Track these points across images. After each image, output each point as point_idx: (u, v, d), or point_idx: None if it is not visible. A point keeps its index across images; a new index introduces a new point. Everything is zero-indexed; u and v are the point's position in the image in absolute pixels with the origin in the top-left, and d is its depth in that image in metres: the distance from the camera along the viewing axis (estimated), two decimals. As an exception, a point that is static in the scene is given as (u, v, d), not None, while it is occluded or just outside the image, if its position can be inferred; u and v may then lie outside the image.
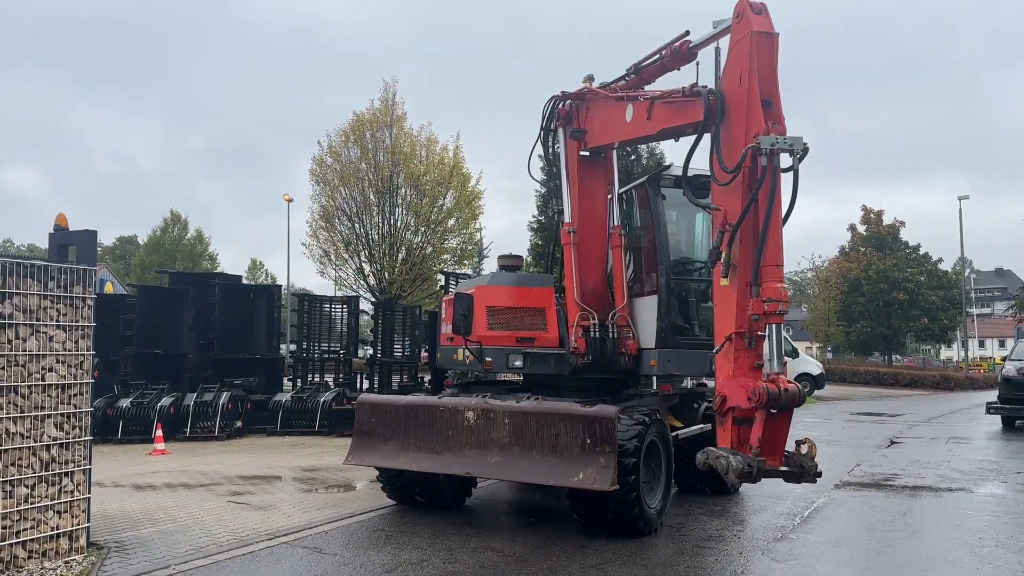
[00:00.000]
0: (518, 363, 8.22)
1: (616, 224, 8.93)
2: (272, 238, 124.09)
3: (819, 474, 6.01)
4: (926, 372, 45.76)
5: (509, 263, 9.23)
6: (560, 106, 8.85)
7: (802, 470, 5.92)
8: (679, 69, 7.67)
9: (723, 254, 6.09)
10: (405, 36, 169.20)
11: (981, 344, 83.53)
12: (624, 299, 8.63)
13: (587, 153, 8.88)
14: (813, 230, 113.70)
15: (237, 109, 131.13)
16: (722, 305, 6.23)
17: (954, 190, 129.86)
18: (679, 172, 8.50)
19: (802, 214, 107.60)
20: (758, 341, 6.09)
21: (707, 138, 6.49)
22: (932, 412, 24.78)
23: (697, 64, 7.29)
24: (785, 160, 5.96)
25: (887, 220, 51.66)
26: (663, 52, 7.66)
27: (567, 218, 8.68)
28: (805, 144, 5.85)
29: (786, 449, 6.03)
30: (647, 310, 8.51)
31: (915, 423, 20.39)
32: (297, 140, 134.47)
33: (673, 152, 25.22)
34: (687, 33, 7.43)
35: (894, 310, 49.27)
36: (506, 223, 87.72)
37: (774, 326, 5.97)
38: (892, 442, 16.18)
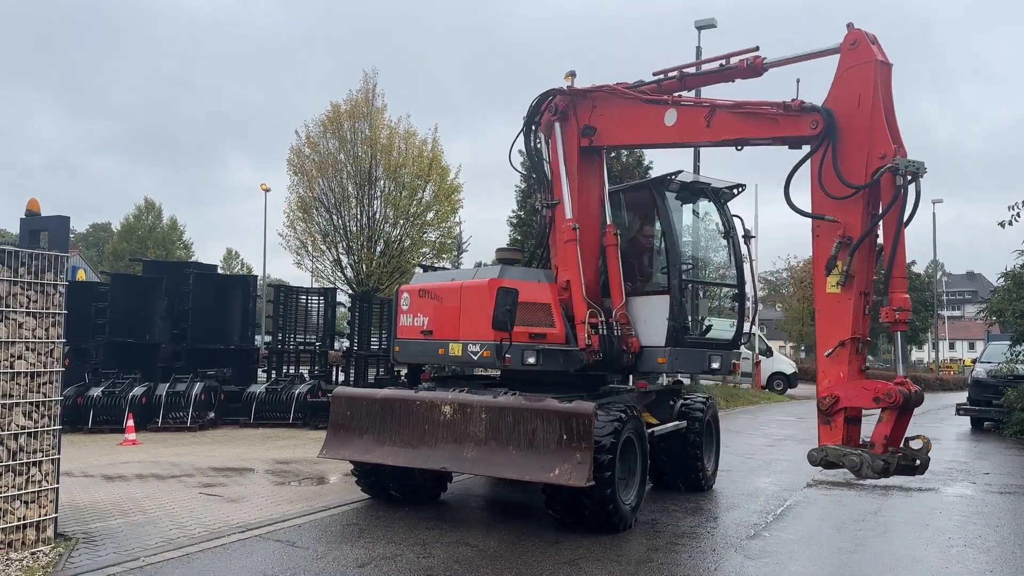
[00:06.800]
0: (531, 360, 7.95)
1: (609, 222, 8.94)
2: (215, 226, 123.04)
3: (927, 467, 6.48)
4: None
5: (509, 256, 8.97)
6: (549, 100, 8.81)
7: (915, 465, 6.33)
8: (734, 81, 7.85)
9: (840, 264, 6.40)
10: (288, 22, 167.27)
11: (952, 346, 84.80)
12: (622, 297, 8.69)
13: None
14: (788, 232, 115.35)
15: (140, 100, 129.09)
16: (833, 312, 6.55)
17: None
18: (686, 179, 9.12)
19: (777, 215, 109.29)
20: (865, 347, 6.59)
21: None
22: (903, 412, 25.04)
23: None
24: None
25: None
26: (724, 62, 7.76)
27: (569, 214, 8.60)
28: (925, 167, 6.28)
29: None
30: (651, 308, 8.71)
31: (886, 423, 20.60)
32: (221, 130, 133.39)
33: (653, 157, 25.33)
34: (757, 48, 7.65)
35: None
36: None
37: (900, 333, 6.45)
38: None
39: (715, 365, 9.03)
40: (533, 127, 9.03)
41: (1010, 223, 13.61)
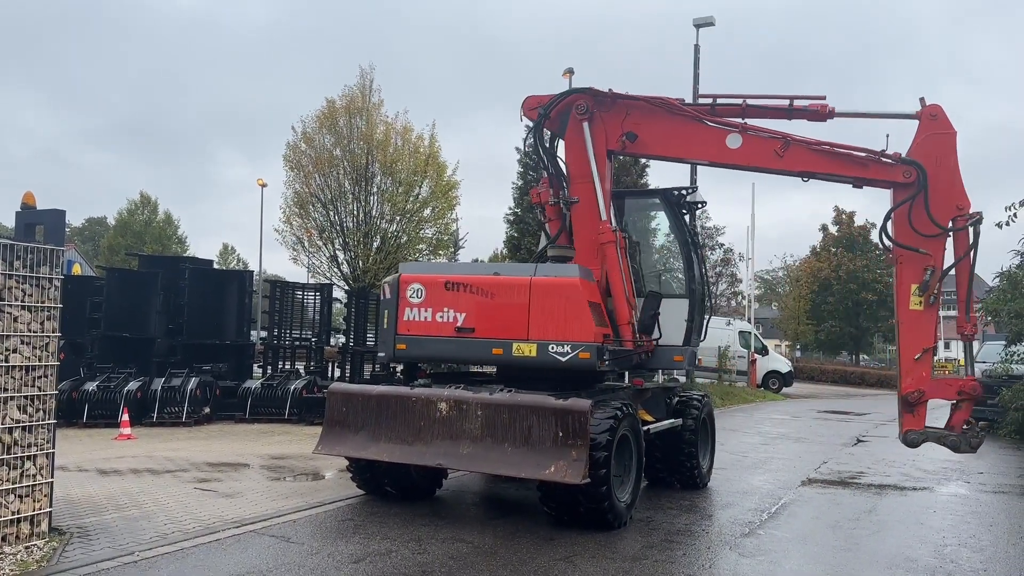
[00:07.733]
0: (606, 360, 7.79)
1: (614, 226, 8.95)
2: (211, 221, 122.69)
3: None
4: (893, 372, 46.46)
5: (563, 254, 8.78)
6: (567, 99, 8.83)
7: (976, 443, 7.96)
8: (791, 120, 8.54)
9: (930, 287, 7.84)
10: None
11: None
12: (635, 298, 8.83)
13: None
14: (783, 232, 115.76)
15: (134, 95, 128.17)
16: (917, 324, 7.98)
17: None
18: (694, 196, 10.00)
19: (774, 214, 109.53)
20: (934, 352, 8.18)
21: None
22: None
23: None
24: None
25: (858, 221, 52.34)
26: (791, 101, 8.42)
27: (604, 215, 8.62)
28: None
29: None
30: (666, 310, 9.24)
31: (881, 422, 20.69)
32: (200, 121, 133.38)
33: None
34: (824, 97, 8.35)
35: (863, 310, 49.97)
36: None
37: (970, 343, 8.03)
38: (858, 440, 16.42)
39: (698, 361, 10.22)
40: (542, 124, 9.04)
41: (1007, 223, 13.60)
